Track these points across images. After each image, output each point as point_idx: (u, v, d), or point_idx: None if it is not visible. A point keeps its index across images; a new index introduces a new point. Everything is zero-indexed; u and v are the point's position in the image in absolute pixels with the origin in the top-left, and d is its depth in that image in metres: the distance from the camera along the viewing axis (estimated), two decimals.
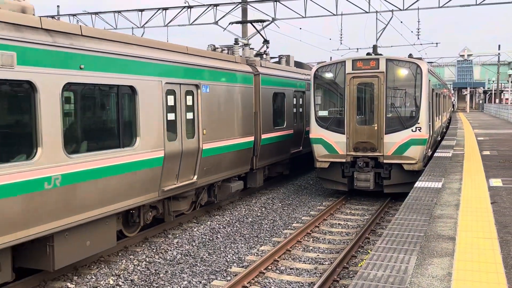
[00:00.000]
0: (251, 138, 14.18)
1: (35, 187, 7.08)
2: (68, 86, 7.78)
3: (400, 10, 33.54)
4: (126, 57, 8.98)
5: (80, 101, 8.14)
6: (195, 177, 11.32)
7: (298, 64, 20.43)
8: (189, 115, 11.08)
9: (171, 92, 10.38)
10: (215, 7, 36.83)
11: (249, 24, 37.97)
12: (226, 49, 14.76)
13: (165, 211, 11.11)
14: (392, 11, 33.99)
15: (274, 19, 36.18)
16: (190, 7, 37.00)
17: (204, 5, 37.13)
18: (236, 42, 15.14)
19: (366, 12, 33.99)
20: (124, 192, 8.97)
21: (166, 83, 10.14)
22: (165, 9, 37.82)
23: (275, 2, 35.46)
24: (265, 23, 17.83)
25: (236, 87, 13.26)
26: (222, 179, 12.91)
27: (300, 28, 40.06)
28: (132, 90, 9.20)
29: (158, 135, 9.84)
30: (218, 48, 14.54)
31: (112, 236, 9.03)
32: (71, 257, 8.11)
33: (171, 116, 10.34)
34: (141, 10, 38.80)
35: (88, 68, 8.07)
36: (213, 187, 12.80)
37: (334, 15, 34.70)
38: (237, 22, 20.49)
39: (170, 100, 10.36)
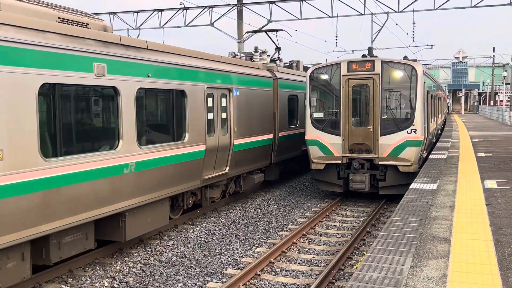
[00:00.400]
0: (271, 136, 16.04)
1: (117, 172, 8.86)
2: (139, 90, 9.53)
3: (396, 12, 33.64)
4: (179, 66, 10.82)
5: (147, 103, 9.92)
6: (227, 168, 13.14)
7: (306, 69, 21.77)
8: (223, 115, 12.89)
9: (210, 95, 12.16)
10: (210, 9, 36.85)
11: (244, 25, 37.96)
12: (244, 56, 16.51)
13: (202, 198, 12.78)
14: (387, 13, 34.10)
15: (270, 21, 36.22)
16: (185, 8, 36.99)
17: (199, 6, 37.13)
18: (256, 50, 16.91)
19: (362, 14, 34.07)
20: (175, 178, 10.71)
21: (207, 87, 11.96)
22: (161, 10, 37.78)
23: (270, 4, 35.51)
24: (278, 32, 19.02)
25: (259, 90, 15.14)
26: (247, 171, 14.72)
27: (296, 30, 40.10)
28: (183, 93, 11.00)
29: (201, 131, 11.66)
30: (237, 55, 16.09)
31: (165, 215, 10.75)
32: (137, 231, 9.75)
33: (210, 116, 12.16)
34: (137, 12, 38.75)
35: (153, 76, 9.91)
36: (239, 178, 14.64)
37: (329, 17, 34.76)
38: (253, 32, 21.37)
39: (209, 102, 12.14)
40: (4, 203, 6.73)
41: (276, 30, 18.86)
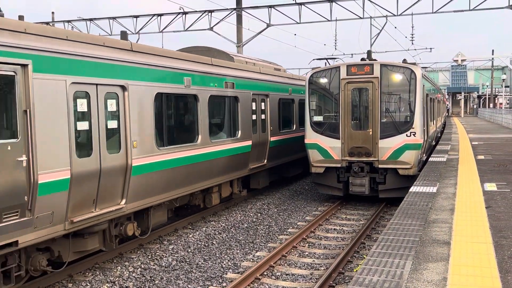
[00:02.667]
0: (303, 133, 17.29)
1: (197, 159, 11.56)
2: (211, 97, 12.29)
3: (394, 15, 33.69)
4: (235, 77, 13.73)
5: (213, 107, 12.55)
6: (265, 161, 15.85)
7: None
8: (262, 116, 15.59)
9: (254, 100, 14.92)
10: (210, 13, 36.90)
11: (243, 29, 38.03)
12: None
13: (248, 185, 15.93)
14: (386, 16, 34.16)
15: (268, 25, 36.27)
16: (185, 13, 37.05)
17: (199, 11, 37.20)
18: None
19: (360, 18, 34.13)
20: (232, 167, 13.43)
21: (252, 94, 14.79)
22: (160, 15, 37.83)
23: (269, 8, 35.58)
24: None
25: (286, 95, 17.86)
26: (281, 163, 17.31)
27: (295, 34, 40.15)
28: (236, 99, 13.84)
29: (248, 130, 14.42)
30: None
31: (229, 192, 14.09)
32: (213, 203, 13.10)
33: (253, 117, 14.89)
34: (136, 16, 38.80)
35: (218, 86, 12.74)
36: (275, 169, 17.34)
37: (328, 21, 34.82)
38: (319, 59, 22.06)
39: (253, 106, 14.90)
40: (141, 177, 9.49)
41: (334, 58, 19.91)
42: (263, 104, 15.58)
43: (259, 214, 14.04)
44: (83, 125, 8.21)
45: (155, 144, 9.95)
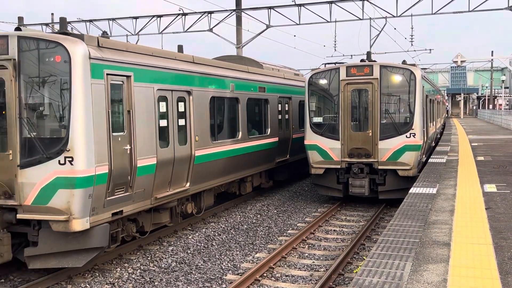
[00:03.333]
0: None
1: (238, 152, 13.63)
2: (248, 100, 14.46)
3: (394, 16, 33.70)
4: (266, 83, 15.81)
5: (248, 108, 14.50)
6: (288, 155, 17.72)
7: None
8: (286, 116, 17.62)
9: (280, 102, 17.00)
10: (209, 15, 36.91)
11: (243, 30, 38.01)
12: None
13: (274, 177, 17.68)
14: (385, 17, 34.16)
15: (268, 26, 36.28)
16: (184, 14, 37.05)
17: (198, 12, 37.21)
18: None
19: (360, 19, 34.14)
20: (262, 160, 15.42)
21: (279, 96, 16.90)
22: (160, 16, 37.84)
23: (269, 10, 35.60)
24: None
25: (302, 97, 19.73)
26: (300, 159, 18.93)
27: (294, 35, 40.15)
28: (266, 101, 15.86)
29: (275, 128, 16.48)
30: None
31: (259, 182, 16.30)
32: (247, 190, 15.20)
33: (279, 117, 16.93)
34: (136, 18, 38.80)
35: (254, 90, 14.88)
36: (294, 164, 19.03)
37: (328, 22, 34.83)
38: (328, 64, 22.97)
39: (279, 107, 16.96)
40: (200, 165, 11.60)
41: (342, 63, 20.92)
42: (286, 105, 17.75)
43: (258, 215, 14.03)
44: (163, 123, 10.27)
45: (210, 139, 12.14)
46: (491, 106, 68.28)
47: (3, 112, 8.37)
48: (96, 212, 8.40)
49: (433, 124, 19.99)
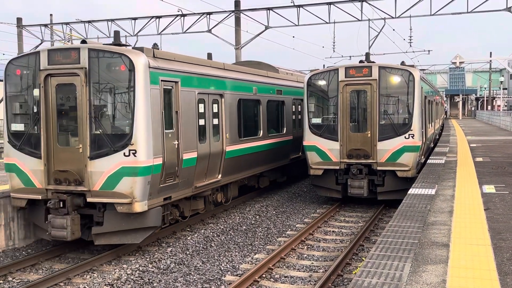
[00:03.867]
0: None
1: (259, 149, 15.11)
2: (268, 101, 15.91)
3: (392, 18, 33.72)
4: (282, 86, 17.37)
5: (268, 109, 15.96)
6: (300, 153, 18.96)
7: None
8: (299, 116, 19.19)
9: (294, 103, 18.63)
10: (208, 16, 36.91)
11: (242, 31, 38.01)
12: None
13: (288, 173, 19.16)
14: (384, 19, 34.17)
15: (267, 27, 36.28)
16: (183, 15, 37.05)
17: (197, 13, 37.20)
18: None
19: (359, 20, 34.14)
20: (278, 156, 16.78)
21: (293, 98, 18.50)
22: (159, 17, 37.83)
23: (268, 11, 35.60)
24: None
25: None
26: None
27: (293, 37, 40.14)
28: (283, 103, 17.37)
29: (290, 127, 18.00)
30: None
31: (275, 177, 17.68)
32: (265, 184, 16.89)
33: (293, 117, 18.53)
34: (135, 19, 38.79)
35: (272, 93, 16.39)
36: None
37: (326, 23, 34.84)
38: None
39: (293, 108, 18.56)
40: (230, 159, 13.11)
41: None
42: (299, 106, 19.10)
43: (257, 216, 14.02)
44: (202, 122, 11.78)
45: (237, 136, 13.66)
46: (489, 107, 68.35)
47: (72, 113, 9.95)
48: (152, 197, 9.92)
49: (431, 125, 20.00)
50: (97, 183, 9.63)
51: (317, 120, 14.81)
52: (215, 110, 12.52)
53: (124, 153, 9.52)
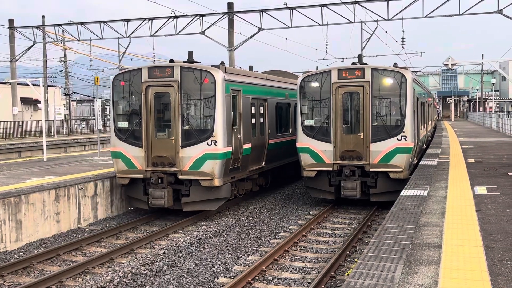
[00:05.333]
0: None
1: (289, 143, 17.48)
2: (295, 104, 15.98)
3: (385, 20, 33.84)
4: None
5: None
6: None
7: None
8: None
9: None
10: (201, 18, 36.88)
11: (235, 33, 38.00)
12: None
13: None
14: (377, 21, 34.28)
15: (260, 29, 36.29)
16: (176, 17, 37.00)
17: (190, 15, 37.15)
18: None
19: (351, 22, 34.23)
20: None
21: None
22: (151, 19, 37.77)
23: (261, 13, 35.62)
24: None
25: None
26: None
27: (286, 38, 40.16)
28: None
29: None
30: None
31: (293, 171, 19.08)
32: (291, 172, 19.26)
33: None
34: (127, 20, 38.69)
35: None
36: None
37: (319, 25, 34.91)
38: None
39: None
40: (270, 150, 16.12)
41: None
42: None
43: (250, 218, 14.02)
44: (253, 120, 15.01)
45: (275, 132, 16.82)
46: (481, 109, 68.75)
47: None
48: (225, 176, 13.18)
49: (424, 127, 20.08)
50: (186, 165, 12.94)
51: (310, 122, 14.82)
52: (261, 111, 15.81)
53: (207, 143, 12.83)
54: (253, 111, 15.00)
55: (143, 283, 8.92)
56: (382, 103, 14.23)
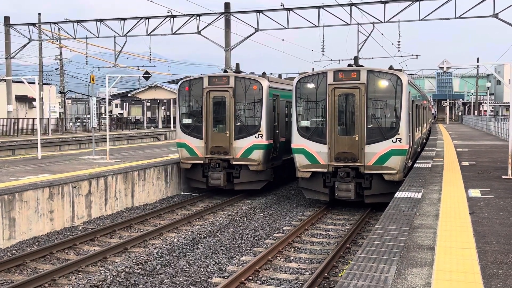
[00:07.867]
0: None
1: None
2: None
3: (381, 22, 33.90)
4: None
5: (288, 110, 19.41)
6: None
7: None
8: None
9: None
10: (198, 17, 36.85)
11: (232, 34, 37.96)
12: None
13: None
14: (373, 23, 34.34)
15: (257, 30, 36.29)
16: (173, 16, 36.95)
17: (187, 15, 37.12)
18: None
19: (348, 24, 34.28)
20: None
21: None
22: (148, 18, 37.70)
23: (258, 13, 35.62)
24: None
25: None
26: None
27: (283, 39, 40.18)
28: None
29: None
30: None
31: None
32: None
33: None
34: (124, 19, 38.61)
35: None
36: None
37: (316, 26, 34.94)
38: None
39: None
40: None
41: None
42: None
43: (245, 219, 14.01)
44: (286, 119, 18.22)
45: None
46: (476, 112, 68.98)
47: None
48: (267, 162, 16.54)
49: (419, 129, 20.13)
50: (238, 153, 16.22)
51: (305, 123, 14.83)
52: (287, 112, 18.55)
53: (255, 136, 16.10)
54: (286, 112, 18.37)
55: (137, 282, 8.90)
56: (377, 105, 14.26)
